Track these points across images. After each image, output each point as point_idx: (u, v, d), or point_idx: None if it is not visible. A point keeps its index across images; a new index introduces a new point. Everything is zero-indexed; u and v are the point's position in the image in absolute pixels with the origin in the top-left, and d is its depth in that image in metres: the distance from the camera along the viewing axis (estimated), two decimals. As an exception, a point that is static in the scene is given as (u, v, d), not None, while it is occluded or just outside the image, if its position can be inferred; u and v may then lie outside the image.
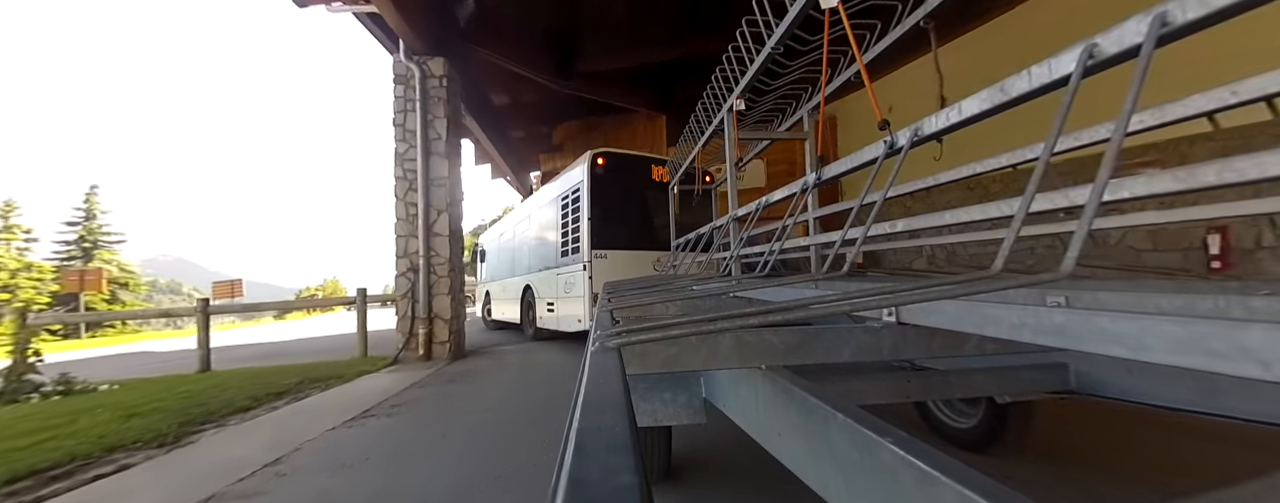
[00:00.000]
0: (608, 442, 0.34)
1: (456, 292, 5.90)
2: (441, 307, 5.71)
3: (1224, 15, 0.50)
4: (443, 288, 5.73)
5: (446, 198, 5.82)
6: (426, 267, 5.65)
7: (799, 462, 0.79)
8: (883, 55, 1.90)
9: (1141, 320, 0.52)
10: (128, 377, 5.30)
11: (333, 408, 3.46)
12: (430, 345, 5.58)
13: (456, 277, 5.96)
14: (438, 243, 5.80)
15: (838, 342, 0.95)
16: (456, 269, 5.95)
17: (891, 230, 1.37)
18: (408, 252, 5.74)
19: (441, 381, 4.39)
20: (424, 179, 5.74)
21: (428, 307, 5.57)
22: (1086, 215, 0.53)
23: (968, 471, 0.46)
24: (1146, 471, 1.87)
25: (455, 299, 5.83)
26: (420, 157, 5.73)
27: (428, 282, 5.62)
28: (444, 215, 5.83)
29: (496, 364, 5.27)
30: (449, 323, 5.69)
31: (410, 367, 5.23)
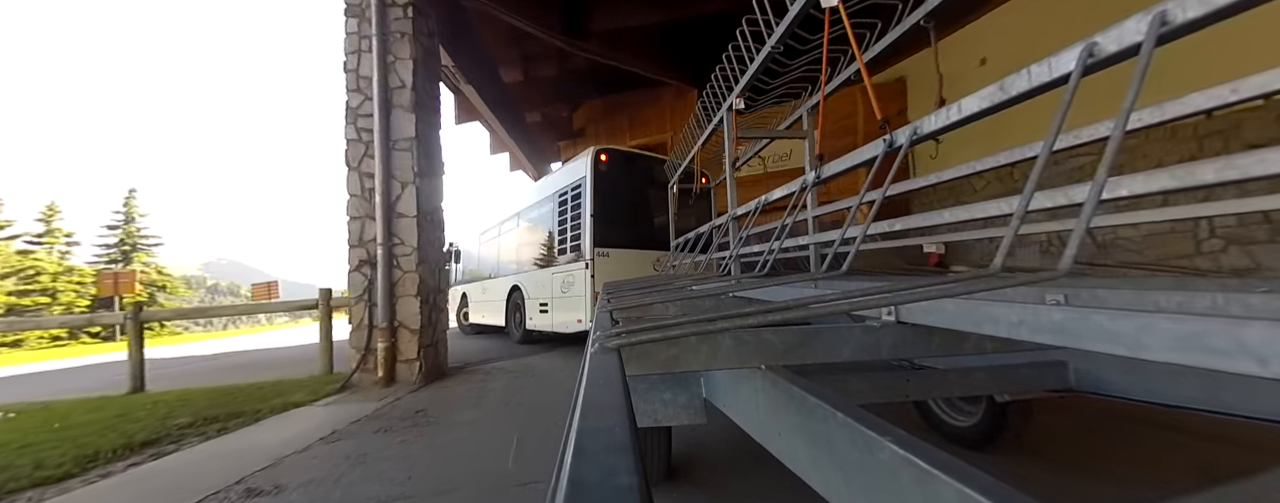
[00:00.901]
0: (607, 443, 0.34)
1: (430, 293, 4.62)
2: (407, 313, 4.34)
3: (1224, 14, 0.50)
4: (408, 287, 4.37)
5: (414, 167, 4.42)
6: (386, 259, 4.25)
7: (799, 461, 0.79)
8: (882, 53, 1.90)
9: (1140, 318, 0.52)
10: (53, 396, 4.69)
11: (165, 491, 2.20)
12: (393, 365, 4.24)
13: (431, 273, 4.67)
14: (402, 227, 4.39)
15: (837, 341, 0.95)
16: (429, 263, 4.63)
17: (891, 230, 1.37)
18: (363, 239, 4.39)
19: (388, 423, 3.02)
20: (383, 141, 4.32)
21: (389, 313, 4.23)
22: (1085, 213, 0.53)
23: (968, 469, 0.46)
24: (1144, 469, 1.87)
25: (429, 303, 4.55)
26: (377, 111, 4.30)
27: (388, 279, 4.27)
28: (410, 190, 4.41)
29: (479, 390, 3.94)
30: (418, 335, 4.32)
31: (361, 395, 3.95)
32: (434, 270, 4.84)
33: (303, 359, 6.47)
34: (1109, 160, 0.52)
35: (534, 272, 6.54)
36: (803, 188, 1.79)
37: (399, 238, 4.44)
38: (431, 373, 4.52)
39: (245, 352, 9.62)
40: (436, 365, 4.70)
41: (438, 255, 4.99)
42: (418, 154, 4.51)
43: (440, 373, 4.77)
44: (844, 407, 0.67)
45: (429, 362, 4.47)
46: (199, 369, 6.85)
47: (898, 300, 0.90)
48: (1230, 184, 0.57)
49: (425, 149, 4.67)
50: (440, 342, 4.85)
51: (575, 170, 5.72)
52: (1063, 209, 0.83)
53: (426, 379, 4.39)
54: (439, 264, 4.99)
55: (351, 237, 4.48)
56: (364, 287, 4.40)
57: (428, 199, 4.71)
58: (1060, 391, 1.46)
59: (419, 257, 4.44)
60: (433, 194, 4.87)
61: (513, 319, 7.25)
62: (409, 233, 4.46)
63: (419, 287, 4.42)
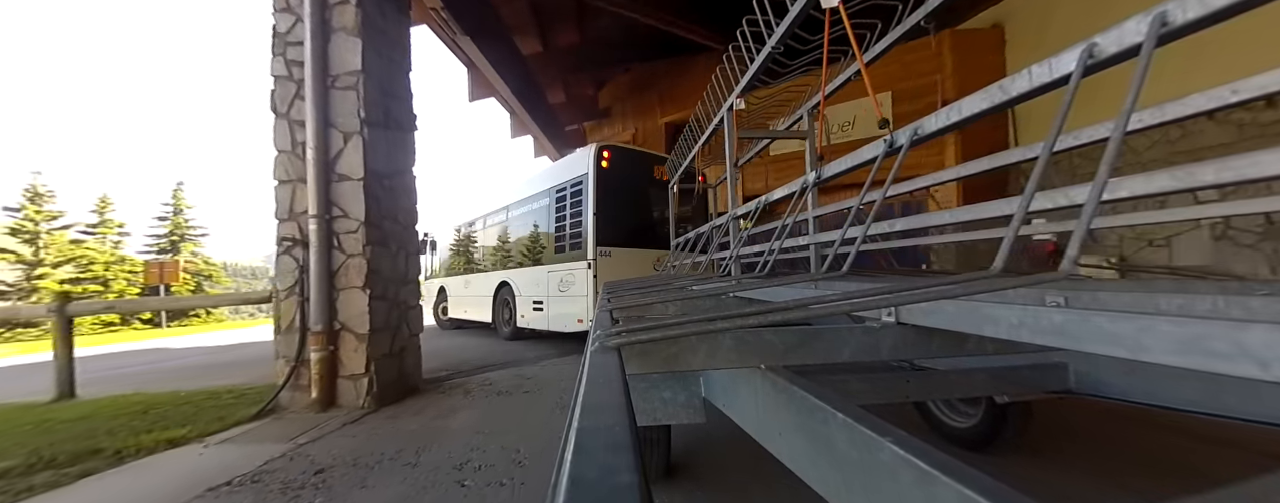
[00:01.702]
0: (607, 441, 0.34)
1: (388, 285, 3.54)
2: (352, 311, 3.29)
3: (1224, 15, 0.50)
4: (353, 276, 3.31)
5: (360, 112, 3.34)
6: (322, 237, 3.25)
7: (799, 461, 0.79)
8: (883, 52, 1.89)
9: (1140, 320, 0.52)
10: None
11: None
12: (331, 382, 3.22)
13: (389, 257, 3.60)
14: (344, 195, 3.34)
15: (837, 341, 0.95)
16: (386, 245, 3.58)
17: (891, 230, 1.37)
18: (293, 211, 3.39)
19: (259, 498, 2.01)
20: (317, 77, 3.26)
21: (326, 311, 3.23)
22: (1086, 215, 0.53)
23: (967, 470, 0.46)
24: (1145, 469, 1.87)
25: (385, 297, 3.49)
26: (310, 36, 3.27)
27: (325, 265, 3.28)
28: (355, 145, 3.33)
29: (438, 428, 2.78)
30: (366, 341, 3.25)
31: (278, 426, 2.96)
32: (395, 255, 3.73)
33: (260, 359, 5.57)
34: (1109, 160, 0.52)
35: (527, 268, 6.42)
36: (803, 188, 1.79)
37: (340, 209, 3.35)
38: (388, 391, 3.44)
39: (230, 346, 8.76)
40: (401, 380, 3.64)
41: (403, 236, 3.88)
42: (365, 94, 3.38)
43: (407, 389, 3.71)
44: (844, 407, 0.67)
45: (386, 376, 3.42)
46: (159, 369, 6.00)
47: (898, 301, 0.90)
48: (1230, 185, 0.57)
49: (379, 89, 3.56)
50: (407, 349, 3.79)
51: (575, 167, 5.67)
52: (1063, 210, 0.83)
53: (380, 400, 3.31)
54: (405, 248, 3.91)
55: (280, 207, 3.42)
56: (294, 276, 3.34)
57: (382, 158, 3.57)
58: (1060, 392, 1.46)
59: (368, 235, 3.34)
60: (393, 152, 3.73)
61: (500, 315, 7.09)
62: (353, 202, 3.35)
63: (368, 276, 3.31)
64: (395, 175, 3.85)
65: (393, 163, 3.80)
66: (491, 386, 3.88)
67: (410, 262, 4.09)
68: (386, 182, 3.70)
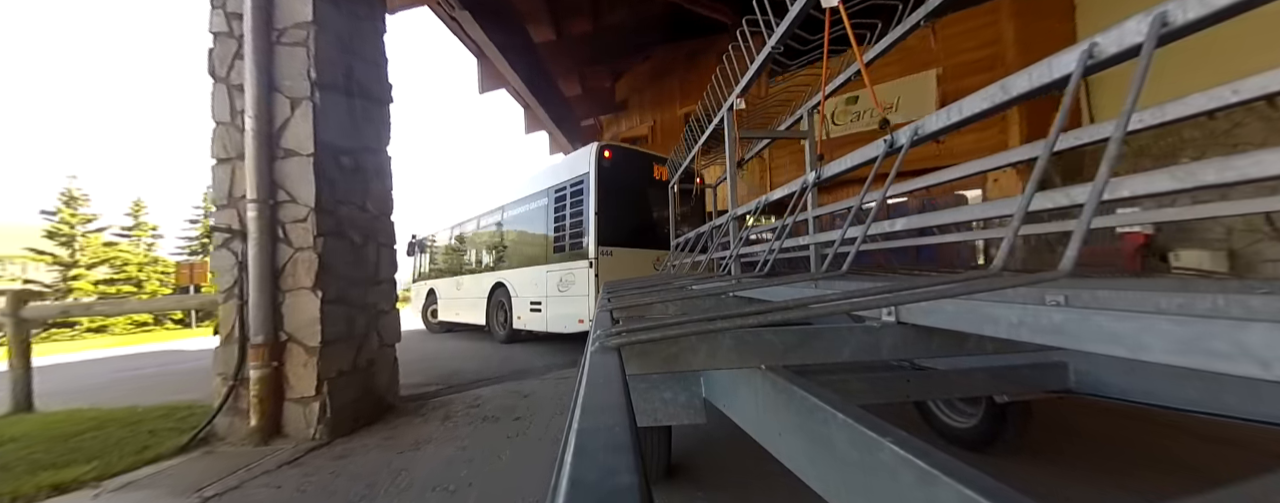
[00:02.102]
0: (607, 442, 0.34)
1: (348, 287, 2.98)
2: (301, 319, 2.75)
3: (1224, 15, 0.50)
4: (301, 275, 2.76)
5: (310, 72, 2.79)
6: (263, 226, 2.71)
7: (799, 461, 0.79)
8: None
9: (1140, 319, 0.52)
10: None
11: None
12: (275, 406, 2.69)
13: (349, 252, 3.02)
14: (291, 174, 2.80)
15: (837, 341, 0.95)
16: (347, 236, 3.00)
17: (891, 229, 1.37)
18: (231, 194, 2.87)
19: None
20: (259, 30, 2.75)
21: (268, 318, 2.71)
22: (1086, 214, 0.53)
23: (968, 470, 0.46)
24: (1144, 469, 1.87)
25: (343, 301, 2.92)
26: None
27: (268, 261, 2.73)
28: (304, 112, 2.79)
29: (411, 472, 2.20)
30: (318, 356, 2.70)
31: (206, 465, 2.42)
32: (361, 250, 3.11)
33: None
34: (1109, 160, 0.52)
35: (524, 269, 6.33)
36: (803, 188, 1.79)
37: (286, 192, 2.78)
38: (349, 416, 2.83)
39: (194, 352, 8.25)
40: (368, 400, 3.05)
41: (372, 227, 3.23)
42: (317, 51, 2.80)
43: (377, 411, 3.11)
44: (844, 407, 0.67)
45: (346, 398, 2.82)
46: (162, 373, 5.58)
47: (898, 301, 0.90)
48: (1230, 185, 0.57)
49: (337, 46, 2.97)
50: (378, 363, 3.21)
51: (575, 167, 5.66)
52: (1063, 210, 0.83)
53: (336, 429, 2.70)
54: (376, 241, 3.28)
55: (217, 191, 2.88)
56: (233, 275, 2.79)
57: (341, 129, 2.96)
58: (1060, 392, 1.46)
59: (319, 224, 2.75)
60: (358, 125, 3.11)
61: (495, 318, 6.96)
62: (301, 183, 2.76)
63: (319, 275, 2.71)
64: (361, 153, 3.16)
65: (357, 137, 3.13)
66: (479, 407, 3.24)
67: (383, 258, 3.39)
68: (347, 159, 3.06)
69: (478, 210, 7.94)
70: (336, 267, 2.92)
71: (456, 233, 8.62)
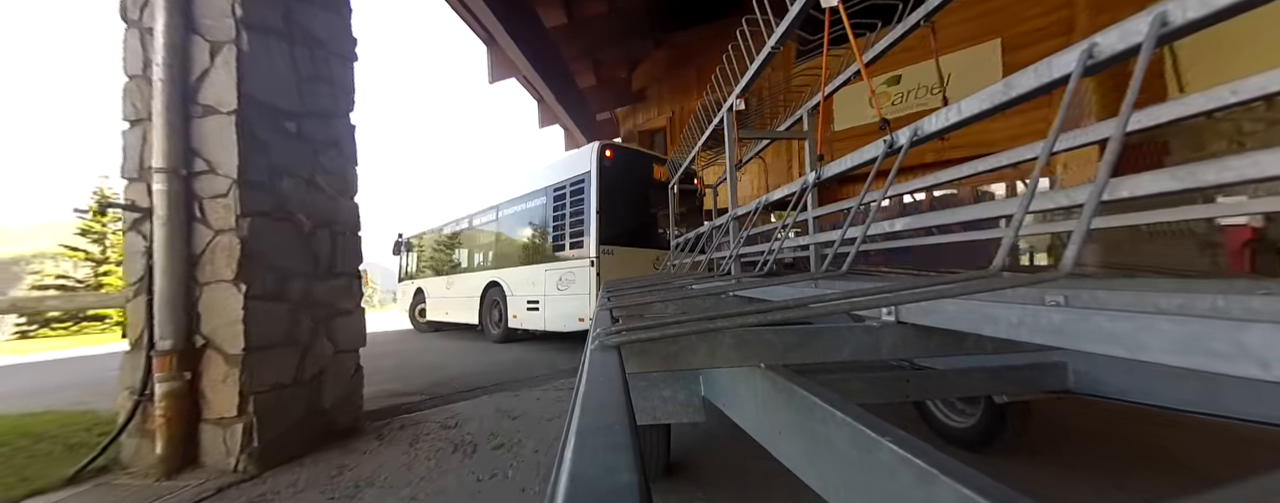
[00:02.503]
0: (607, 440, 0.34)
1: (299, 279, 2.51)
2: (220, 319, 2.24)
3: (1224, 15, 0.50)
4: (220, 265, 2.25)
5: (233, 9, 2.29)
6: (173, 203, 2.21)
7: (798, 461, 0.79)
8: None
9: (1140, 320, 0.52)
10: None
11: None
12: (191, 428, 2.19)
13: (284, 234, 2.47)
14: (206, 136, 2.29)
15: (837, 341, 0.95)
16: (280, 215, 2.46)
17: (891, 229, 1.37)
18: (143, 164, 2.36)
19: None
20: None
21: (179, 317, 2.20)
22: (1086, 215, 0.53)
23: (966, 469, 0.46)
24: (1144, 469, 1.87)
25: (277, 296, 2.39)
26: None
27: (176, 246, 2.22)
28: (225, 57, 2.29)
29: None
30: (237, 365, 2.19)
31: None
32: (308, 236, 2.59)
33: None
34: (1109, 160, 0.52)
35: (521, 268, 6.28)
36: (803, 188, 1.79)
37: (205, 160, 2.26)
38: (289, 441, 2.31)
39: None
40: (314, 420, 2.49)
41: (325, 208, 2.70)
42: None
43: (329, 433, 2.55)
44: (843, 406, 0.67)
45: (284, 419, 2.31)
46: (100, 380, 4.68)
47: (898, 300, 0.90)
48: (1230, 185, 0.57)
49: None
50: (330, 374, 2.62)
51: (576, 166, 5.66)
52: (1063, 209, 0.83)
53: (266, 458, 2.19)
54: (331, 226, 2.74)
55: (128, 160, 2.39)
56: (140, 264, 2.29)
57: (278, 84, 2.46)
58: (1059, 392, 1.46)
59: (244, 200, 2.23)
60: (305, 81, 2.61)
61: (489, 317, 6.87)
62: (221, 148, 2.24)
63: (241, 264, 2.20)
64: (309, 117, 2.62)
65: (304, 96, 2.60)
66: (457, 427, 2.67)
67: (341, 247, 2.82)
68: (290, 123, 2.53)
69: (470, 209, 7.86)
70: (270, 255, 2.37)
71: (447, 232, 8.53)
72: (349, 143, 2.94)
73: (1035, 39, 5.28)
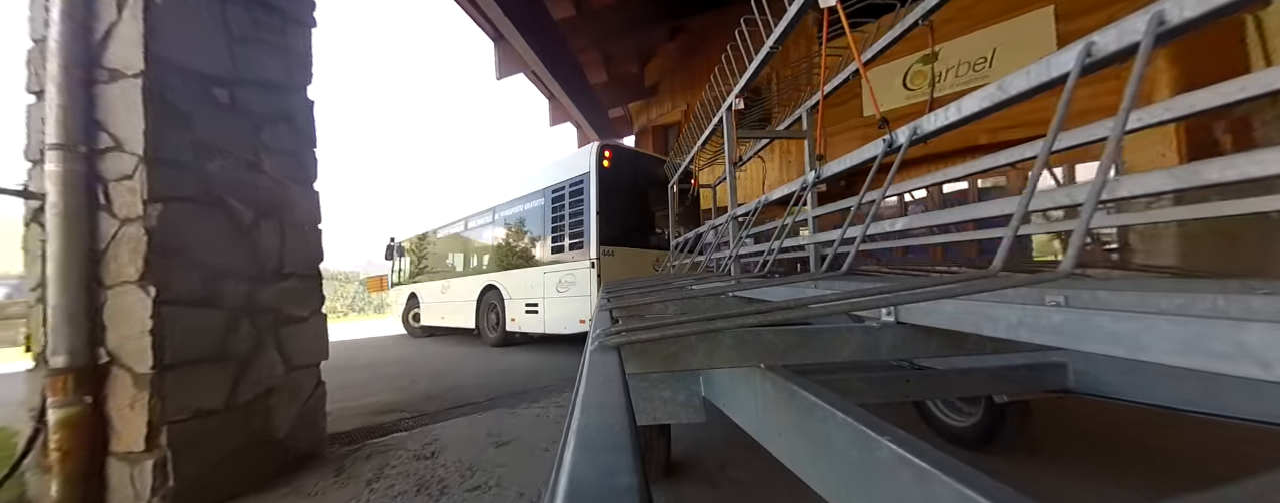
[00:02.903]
0: (607, 441, 0.34)
1: (234, 281, 2.09)
2: (127, 330, 1.79)
3: (1221, 14, 0.50)
4: (125, 263, 1.81)
5: None
6: (70, 185, 1.80)
7: (798, 460, 0.79)
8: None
9: (1140, 319, 0.52)
10: None
11: None
12: (97, 462, 1.76)
13: (213, 225, 2.05)
14: (111, 105, 1.87)
15: (837, 341, 0.95)
16: (207, 202, 2.03)
17: (891, 229, 1.37)
18: (46, 143, 1.82)
19: None
20: None
21: (78, 328, 1.77)
22: (1085, 214, 0.53)
23: (967, 469, 0.46)
24: (1144, 469, 1.87)
25: (205, 301, 1.97)
26: None
27: (75, 241, 1.81)
28: (132, 10, 1.86)
29: None
30: (147, 387, 1.73)
31: None
32: (248, 229, 2.18)
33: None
34: (1109, 160, 0.52)
35: (519, 270, 6.21)
36: (803, 188, 1.79)
37: (110, 135, 1.87)
38: (216, 479, 1.89)
39: None
40: (254, 453, 2.04)
41: (274, 198, 2.30)
42: None
43: (281, 465, 2.15)
44: (843, 406, 0.67)
45: (211, 452, 1.89)
46: None
47: (897, 300, 0.90)
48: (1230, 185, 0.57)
49: None
50: (280, 395, 2.20)
51: (575, 167, 5.65)
52: (1063, 209, 0.83)
53: (189, 500, 1.79)
54: (282, 217, 2.33)
55: (30, 141, 2.05)
56: (40, 265, 1.89)
57: (208, 48, 2.09)
58: (1059, 391, 1.46)
59: (153, 182, 1.83)
60: (241, 43, 2.22)
61: (486, 320, 6.78)
62: (129, 119, 1.84)
63: (150, 262, 1.79)
64: (245, 85, 2.22)
65: (239, 61, 2.20)
66: (433, 457, 2.27)
67: (294, 242, 2.38)
68: (221, 92, 2.11)
69: (466, 211, 7.77)
70: (194, 250, 1.95)
71: (442, 235, 8.41)
72: (305, 121, 2.50)
73: (1096, 3, 4.53)
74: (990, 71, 5.56)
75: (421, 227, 9.22)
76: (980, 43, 5.64)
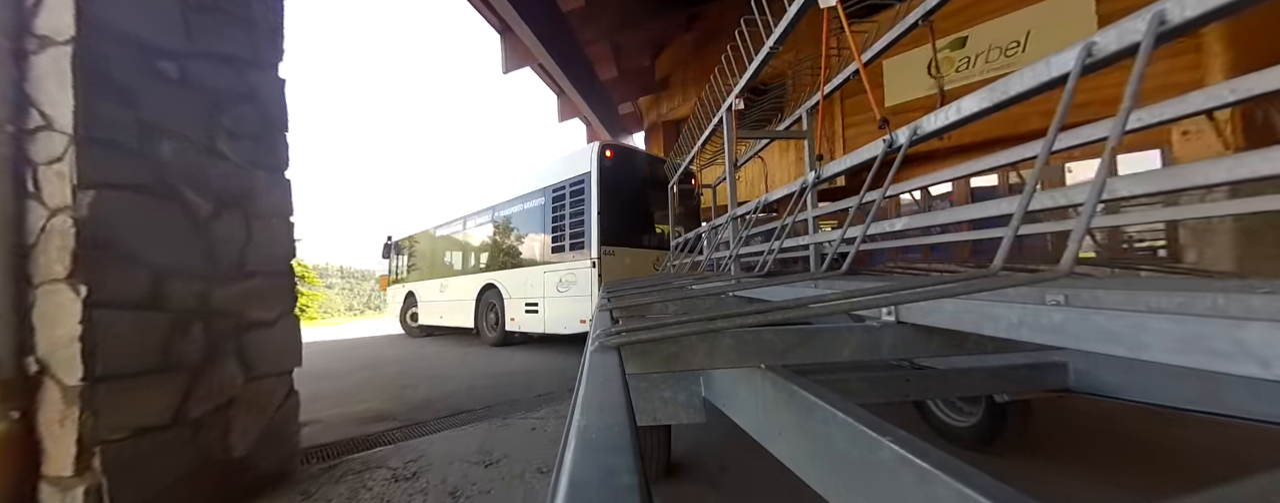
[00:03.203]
0: (607, 442, 0.34)
1: (183, 280, 1.81)
2: (55, 335, 1.55)
3: (1221, 14, 0.50)
4: (53, 258, 1.57)
5: None
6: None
7: (799, 461, 0.79)
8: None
9: (1140, 319, 0.52)
10: None
11: None
12: (28, 484, 1.53)
13: (157, 213, 1.77)
14: (42, 77, 1.63)
15: (837, 341, 0.95)
16: (154, 191, 1.76)
17: (891, 229, 1.37)
18: None
19: None
20: None
21: (6, 333, 1.57)
22: (1085, 214, 0.53)
23: (967, 469, 0.46)
24: (1144, 469, 1.87)
25: (147, 304, 1.69)
26: None
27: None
28: None
29: None
30: (77, 402, 1.49)
31: None
32: (202, 221, 1.92)
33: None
34: (1109, 160, 0.52)
35: (519, 270, 6.17)
36: (803, 188, 1.79)
37: (41, 112, 1.66)
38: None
39: None
40: (209, 476, 1.81)
41: (237, 185, 2.05)
42: None
43: (243, 489, 1.90)
44: (844, 406, 0.67)
45: (156, 477, 1.67)
46: None
47: (898, 300, 0.90)
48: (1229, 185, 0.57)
49: None
50: (239, 408, 1.95)
51: (575, 166, 5.63)
52: (1063, 209, 0.83)
53: None
54: (246, 208, 2.08)
55: None
56: None
57: (156, 14, 1.84)
58: (1059, 391, 1.46)
59: (88, 165, 1.60)
60: (196, 10, 1.96)
61: (485, 320, 6.73)
62: (59, 95, 1.62)
63: (78, 258, 1.56)
64: (200, 59, 1.96)
65: (193, 31, 1.94)
66: (413, 478, 2.05)
67: (259, 235, 2.12)
68: (168, 63, 1.85)
69: (465, 210, 7.66)
70: (135, 244, 1.70)
71: (440, 233, 8.30)
72: (274, 101, 2.23)
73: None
74: (1022, 56, 5.19)
75: (419, 225, 9.14)
76: (1013, 25, 5.26)
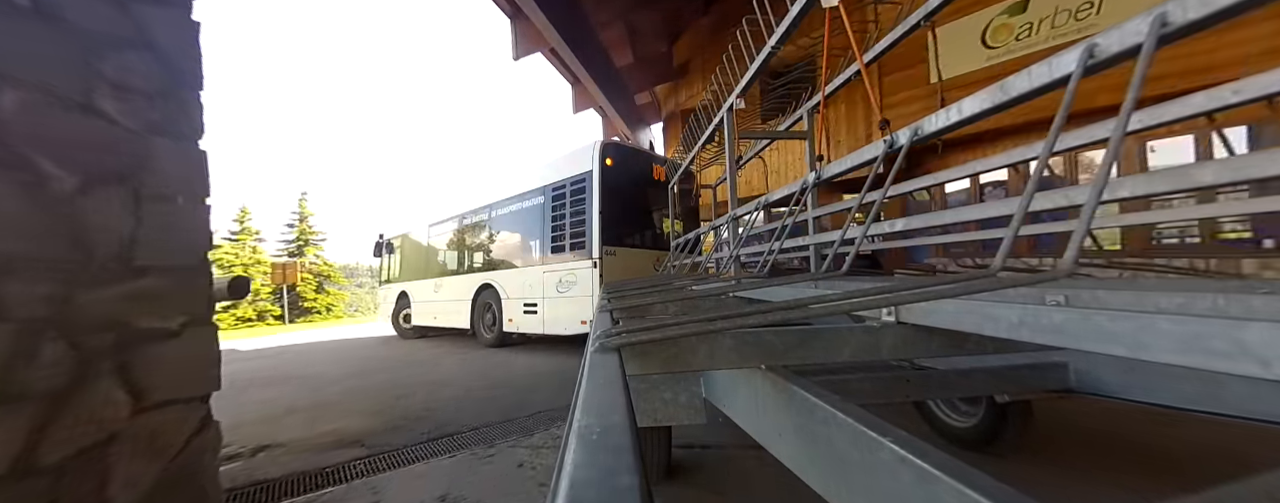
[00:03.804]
0: (607, 442, 0.34)
1: (43, 278, 1.22)
2: None
3: (1224, 16, 0.50)
4: None
5: None
6: None
7: (799, 461, 0.79)
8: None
9: (1140, 319, 0.52)
10: None
11: None
12: None
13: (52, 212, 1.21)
14: None
15: (837, 341, 0.95)
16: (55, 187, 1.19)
17: (891, 230, 1.37)
18: None
19: None
20: None
21: None
22: (1085, 214, 0.53)
23: (968, 469, 0.46)
24: (1144, 468, 1.87)
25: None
26: None
27: None
28: None
29: None
30: None
31: None
32: (62, 201, 1.32)
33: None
34: (1109, 160, 0.52)
35: (517, 270, 6.08)
36: (803, 188, 1.79)
37: None
38: None
39: (287, 346, 8.10)
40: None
41: (122, 155, 1.46)
42: None
43: None
44: (844, 407, 0.67)
45: None
46: None
47: (898, 301, 0.90)
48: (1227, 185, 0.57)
49: None
50: (117, 446, 1.35)
51: (576, 165, 5.59)
52: (1063, 209, 0.83)
53: None
54: (136, 185, 1.48)
55: None
56: None
57: None
58: (1060, 391, 1.46)
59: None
60: None
61: (481, 321, 6.61)
62: None
63: None
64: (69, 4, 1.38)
65: None
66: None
67: (156, 220, 1.55)
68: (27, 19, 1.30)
69: (461, 209, 7.50)
70: None
71: (435, 232, 8.12)
72: (180, 50, 1.66)
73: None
74: (1097, 19, 4.57)
75: (414, 223, 8.94)
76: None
